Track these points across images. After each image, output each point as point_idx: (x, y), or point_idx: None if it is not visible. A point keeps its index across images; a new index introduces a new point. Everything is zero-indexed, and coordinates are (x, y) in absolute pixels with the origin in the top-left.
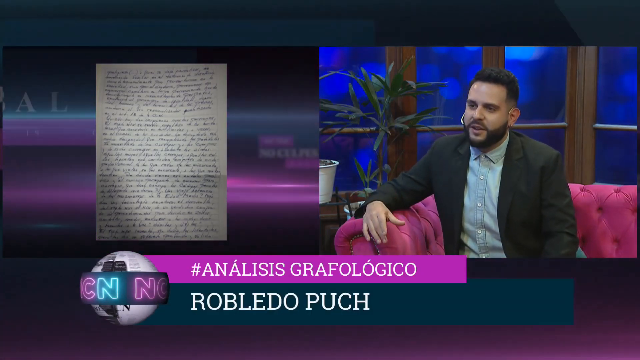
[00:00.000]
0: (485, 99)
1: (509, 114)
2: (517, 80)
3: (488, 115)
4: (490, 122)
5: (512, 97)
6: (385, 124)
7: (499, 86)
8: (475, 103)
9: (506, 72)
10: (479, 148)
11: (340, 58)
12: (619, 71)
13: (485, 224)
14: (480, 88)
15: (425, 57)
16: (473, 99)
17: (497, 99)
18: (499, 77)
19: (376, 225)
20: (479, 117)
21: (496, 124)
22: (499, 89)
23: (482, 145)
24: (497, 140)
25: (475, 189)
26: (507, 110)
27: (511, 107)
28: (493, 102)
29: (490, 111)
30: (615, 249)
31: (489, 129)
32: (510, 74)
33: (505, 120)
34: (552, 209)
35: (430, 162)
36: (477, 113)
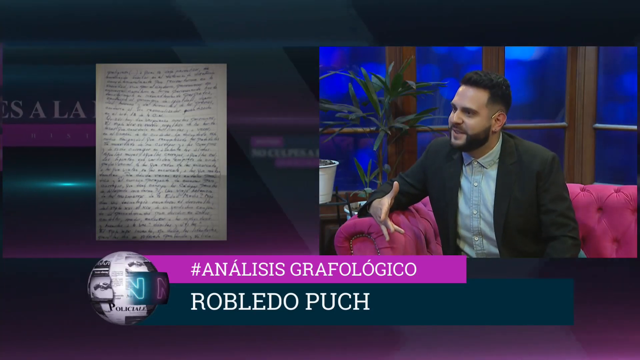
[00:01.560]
0: (463, 102)
1: (493, 119)
2: (506, 84)
3: (466, 119)
4: (469, 126)
5: (496, 102)
6: (385, 124)
7: (480, 90)
8: (455, 106)
9: (491, 76)
10: (463, 152)
11: (340, 58)
12: (619, 71)
13: (482, 231)
14: (461, 91)
15: (425, 57)
16: (454, 102)
17: (476, 103)
18: (480, 81)
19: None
20: (456, 121)
21: (475, 128)
22: (480, 93)
23: (464, 149)
24: (479, 145)
25: (470, 195)
26: (490, 115)
27: (495, 112)
28: (470, 107)
29: (469, 115)
30: (615, 249)
31: (468, 133)
32: (497, 78)
33: (486, 125)
34: (552, 214)
35: (425, 164)
36: (455, 117)
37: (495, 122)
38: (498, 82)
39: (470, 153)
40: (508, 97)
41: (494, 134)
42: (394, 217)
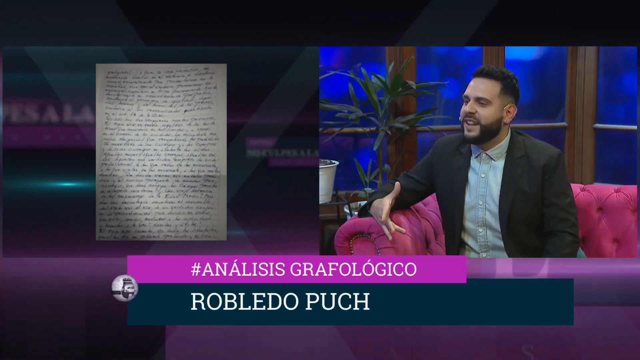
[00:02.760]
0: (476, 93)
1: (504, 110)
2: (515, 78)
3: (480, 109)
4: (483, 116)
5: (507, 94)
6: (385, 124)
7: (492, 81)
8: (468, 97)
9: (502, 69)
10: (475, 144)
11: (340, 58)
12: (619, 71)
13: (487, 222)
14: (473, 84)
15: (425, 57)
16: (466, 93)
17: (489, 93)
18: (492, 72)
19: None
20: (470, 111)
21: (489, 118)
22: (492, 84)
23: (477, 141)
24: (492, 137)
25: (476, 187)
26: (502, 106)
27: (507, 104)
28: (484, 96)
29: (482, 105)
30: (615, 249)
31: (482, 123)
32: (507, 72)
33: (499, 115)
34: (553, 208)
35: (432, 162)
36: (469, 107)
37: (507, 113)
38: (509, 75)
39: (480, 145)
40: (517, 91)
41: (505, 126)
42: (394, 216)
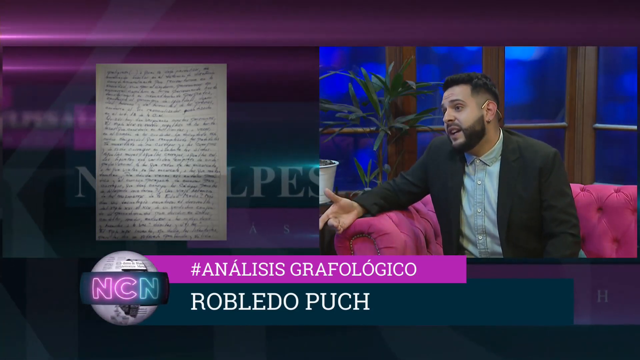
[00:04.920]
0: (450, 98)
1: (484, 108)
2: (485, 76)
3: (458, 115)
4: (462, 120)
5: (480, 92)
6: (385, 124)
7: (460, 85)
8: (444, 106)
9: (468, 73)
10: (466, 152)
11: (340, 58)
12: (619, 71)
13: (486, 229)
14: (445, 94)
15: (425, 57)
16: (442, 104)
17: (461, 95)
18: (457, 79)
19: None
20: (449, 119)
21: (468, 119)
22: (461, 88)
23: (466, 147)
24: (479, 139)
25: (473, 194)
26: (479, 105)
27: (484, 101)
28: (457, 98)
29: (459, 110)
30: (615, 249)
31: (463, 127)
32: (474, 73)
33: (478, 114)
34: (553, 210)
35: (427, 164)
36: (447, 115)
37: (487, 111)
38: (476, 75)
39: (471, 152)
40: (491, 87)
41: (490, 125)
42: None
